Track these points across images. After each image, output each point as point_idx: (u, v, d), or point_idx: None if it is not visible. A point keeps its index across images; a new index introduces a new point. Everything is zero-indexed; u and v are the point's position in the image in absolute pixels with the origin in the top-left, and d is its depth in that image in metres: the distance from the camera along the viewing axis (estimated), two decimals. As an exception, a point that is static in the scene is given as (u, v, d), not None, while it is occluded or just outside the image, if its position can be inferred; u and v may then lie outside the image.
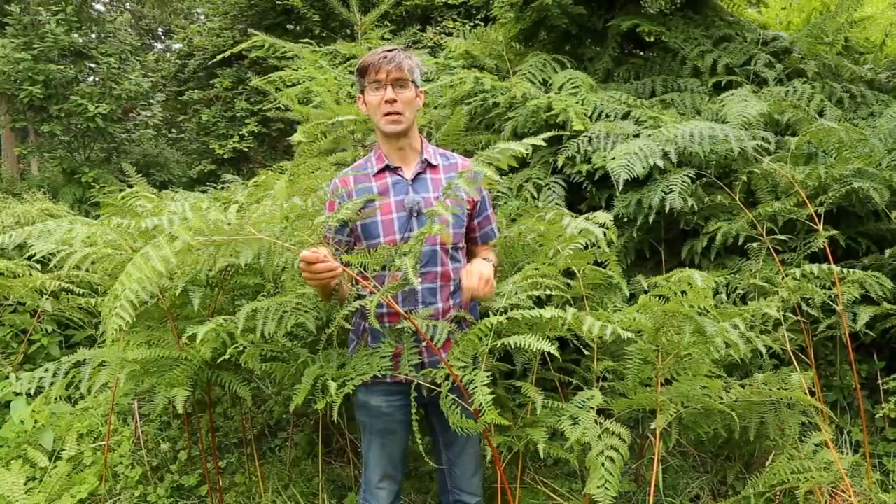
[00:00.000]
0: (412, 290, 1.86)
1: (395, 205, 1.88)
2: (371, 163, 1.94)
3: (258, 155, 11.99)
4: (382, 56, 1.84)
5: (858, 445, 2.81)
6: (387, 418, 1.95)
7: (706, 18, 4.42)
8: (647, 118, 3.44)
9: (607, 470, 1.88)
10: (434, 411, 2.02)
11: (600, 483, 1.87)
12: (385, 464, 2.01)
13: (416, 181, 1.92)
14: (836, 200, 2.89)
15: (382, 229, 1.87)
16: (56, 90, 9.86)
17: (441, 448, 2.10)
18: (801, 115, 3.37)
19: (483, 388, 1.66)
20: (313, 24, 11.06)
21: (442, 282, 1.91)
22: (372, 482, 2.03)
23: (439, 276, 1.90)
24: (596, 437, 1.95)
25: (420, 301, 1.88)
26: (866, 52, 5.11)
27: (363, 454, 2.07)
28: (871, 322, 2.68)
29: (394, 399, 1.94)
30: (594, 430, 1.97)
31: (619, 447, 1.92)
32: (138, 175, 3.05)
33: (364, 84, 1.88)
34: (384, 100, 1.84)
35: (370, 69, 1.84)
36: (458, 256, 1.96)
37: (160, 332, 2.57)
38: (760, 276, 2.77)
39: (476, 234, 2.07)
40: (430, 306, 1.88)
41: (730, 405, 2.14)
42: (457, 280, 1.93)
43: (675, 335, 2.03)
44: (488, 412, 1.64)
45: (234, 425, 3.45)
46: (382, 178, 1.91)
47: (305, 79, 3.69)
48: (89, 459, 3.23)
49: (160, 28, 19.05)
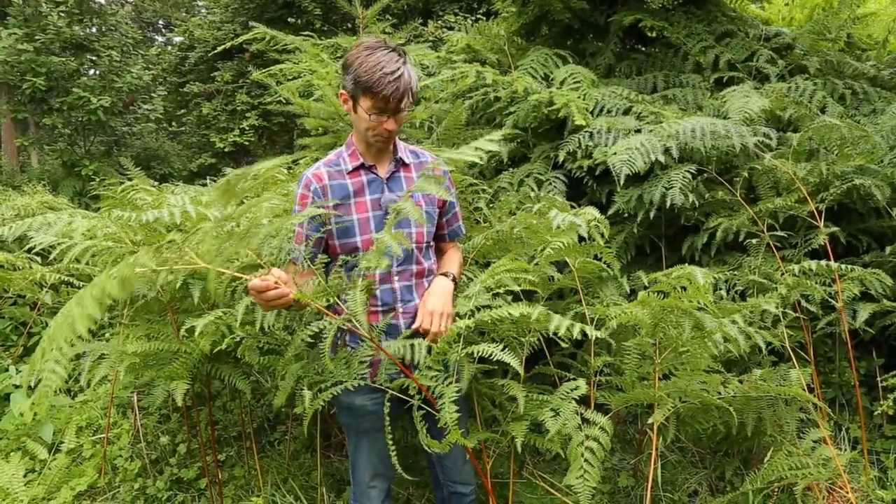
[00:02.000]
0: (390, 289, 1.87)
1: (370, 203, 1.86)
2: (344, 159, 1.89)
3: (258, 149, 11.99)
4: (394, 87, 1.69)
5: (857, 442, 2.81)
6: (373, 416, 1.91)
7: (708, 14, 4.40)
8: (649, 114, 3.43)
9: (587, 461, 1.87)
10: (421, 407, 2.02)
11: (579, 474, 1.86)
12: (375, 462, 1.99)
13: (390, 180, 1.90)
14: (838, 197, 2.88)
15: (359, 228, 1.85)
16: (58, 83, 9.86)
17: None
18: (803, 111, 3.36)
19: (450, 405, 1.61)
20: (314, 17, 11.05)
21: (417, 279, 1.92)
22: (363, 482, 2.01)
23: (415, 275, 1.91)
24: (576, 428, 1.94)
25: (399, 299, 1.88)
26: (869, 49, 5.10)
27: (350, 456, 2.04)
28: (871, 319, 2.68)
29: (377, 396, 1.89)
30: (574, 420, 1.95)
31: (600, 438, 1.91)
32: (137, 168, 3.05)
33: (359, 93, 1.75)
34: (384, 127, 1.77)
35: (376, 96, 1.71)
36: (430, 253, 1.99)
37: (160, 325, 2.57)
38: (760, 273, 2.77)
39: (444, 231, 2.07)
40: (408, 303, 1.89)
41: (728, 401, 2.14)
42: (431, 277, 1.95)
43: (674, 330, 2.03)
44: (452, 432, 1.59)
45: (234, 419, 3.46)
46: (357, 176, 1.87)
47: (306, 72, 3.67)
48: (88, 452, 3.23)
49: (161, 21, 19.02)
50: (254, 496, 2.85)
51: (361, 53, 1.74)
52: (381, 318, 1.86)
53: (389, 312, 1.87)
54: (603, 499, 2.71)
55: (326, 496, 2.83)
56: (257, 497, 2.82)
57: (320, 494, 2.83)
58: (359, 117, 1.80)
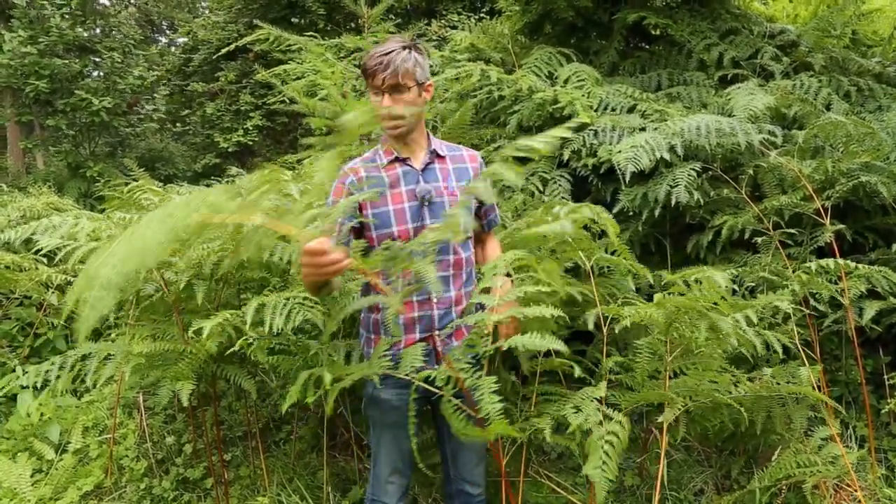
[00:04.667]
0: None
1: (406, 194, 1.88)
2: (379, 155, 1.93)
3: (263, 149, 12.00)
4: (378, 62, 1.77)
5: (863, 440, 2.80)
6: (398, 412, 1.92)
7: (712, 11, 4.39)
8: (653, 112, 3.42)
9: (606, 452, 1.87)
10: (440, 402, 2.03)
11: (598, 464, 1.86)
12: (395, 458, 2.00)
13: (425, 171, 1.92)
14: (843, 195, 2.87)
15: (394, 219, 1.87)
16: (61, 84, 9.87)
17: (444, 438, 2.10)
18: (809, 108, 3.35)
19: (491, 396, 1.61)
20: (318, 17, 11.06)
21: (454, 270, 1.92)
22: (382, 477, 2.02)
23: (452, 265, 1.91)
24: (598, 423, 1.96)
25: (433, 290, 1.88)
26: (874, 46, 5.07)
27: (372, 449, 2.05)
28: (877, 317, 2.66)
29: (404, 392, 1.91)
30: (596, 416, 1.97)
31: (619, 433, 1.93)
32: (142, 169, 3.06)
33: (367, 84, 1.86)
34: (382, 105, 1.83)
35: (367, 73, 1.80)
36: (469, 244, 2.00)
37: (165, 325, 2.58)
38: (770, 270, 2.76)
39: (483, 221, 2.11)
40: (442, 295, 1.89)
41: (739, 399, 2.13)
42: (468, 269, 1.96)
43: (689, 332, 2.02)
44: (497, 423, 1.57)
45: (239, 418, 3.46)
46: (392, 168, 1.90)
47: (311, 72, 3.68)
48: (95, 452, 3.24)
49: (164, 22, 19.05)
50: (259, 496, 2.86)
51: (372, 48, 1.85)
52: (415, 308, 1.87)
53: (425, 303, 1.88)
54: (608, 497, 2.70)
55: (332, 496, 2.83)
56: (263, 497, 2.83)
57: (326, 494, 2.83)
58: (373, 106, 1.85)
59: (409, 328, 1.89)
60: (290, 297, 2.08)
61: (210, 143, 11.98)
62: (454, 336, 1.93)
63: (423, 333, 1.89)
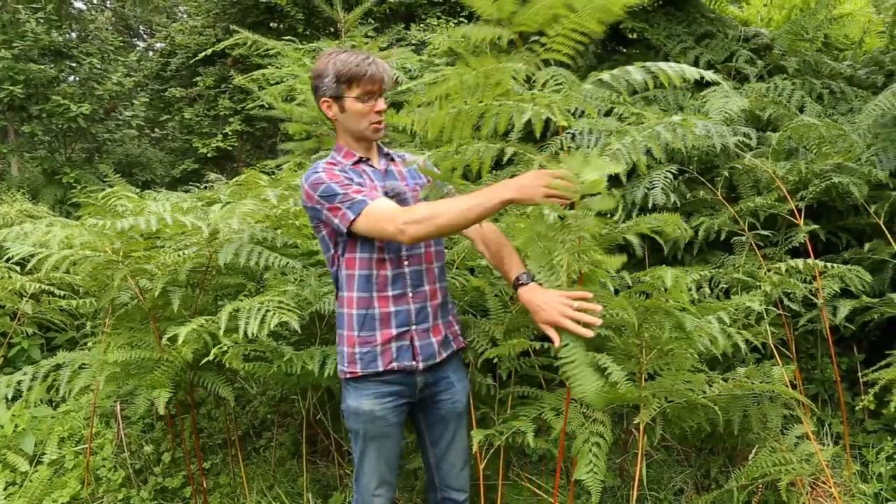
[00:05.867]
0: (400, 274, 1.88)
1: (378, 191, 1.89)
2: (339, 160, 1.93)
3: (242, 154, 11.92)
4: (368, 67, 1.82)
5: (839, 437, 2.84)
6: (380, 422, 1.91)
7: (688, 15, 4.44)
8: (630, 114, 3.45)
9: (594, 454, 1.92)
10: (421, 408, 2.02)
11: (588, 469, 1.91)
12: (382, 469, 1.97)
13: (387, 174, 1.98)
14: (817, 195, 2.91)
15: None
16: (37, 90, 9.73)
17: (427, 445, 2.09)
18: (782, 111, 3.40)
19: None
20: (297, 21, 11.00)
21: (427, 264, 1.93)
22: (368, 489, 1.98)
23: (423, 259, 1.92)
24: (580, 426, 1.98)
25: (409, 284, 1.89)
26: (845, 49, 5.17)
27: (356, 462, 2.01)
28: (851, 315, 2.70)
29: (386, 401, 1.90)
30: (578, 418, 1.99)
31: (603, 433, 1.96)
32: (117, 175, 3.03)
33: (345, 91, 1.84)
34: (376, 110, 1.86)
35: (363, 79, 1.82)
36: (441, 240, 2.02)
37: (141, 333, 2.55)
38: (744, 271, 2.79)
39: None
40: (417, 288, 1.90)
41: (713, 399, 2.15)
42: (440, 263, 1.99)
43: (657, 330, 2.04)
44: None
45: (219, 426, 3.43)
46: (359, 168, 1.92)
47: (289, 76, 3.67)
48: (71, 463, 3.19)
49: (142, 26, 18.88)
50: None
51: (329, 57, 1.85)
52: (391, 303, 1.87)
53: (401, 298, 1.88)
54: (588, 499, 2.71)
55: (313, 502, 2.81)
56: (243, 505, 2.81)
57: (306, 500, 2.81)
58: (350, 112, 1.86)
59: (384, 323, 1.88)
60: (265, 300, 2.07)
61: (189, 148, 11.87)
62: (431, 331, 1.92)
63: (400, 328, 1.88)
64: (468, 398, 2.08)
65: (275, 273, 2.53)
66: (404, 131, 3.42)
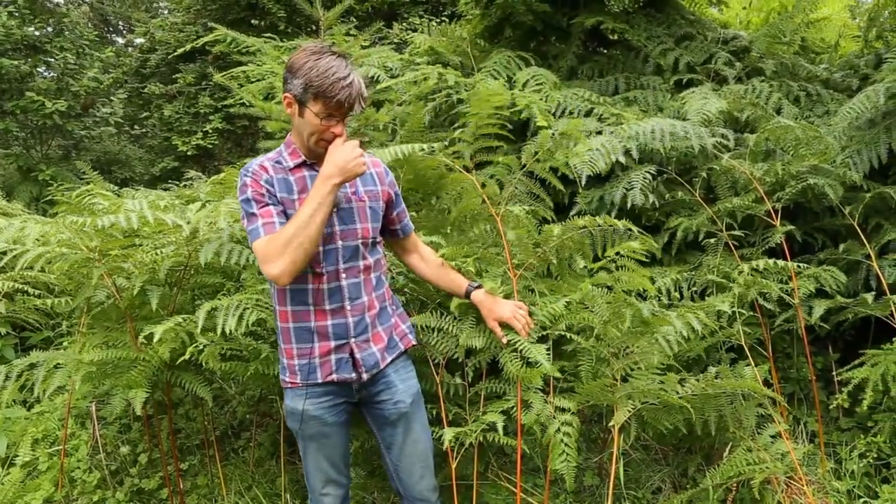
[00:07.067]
0: (338, 287, 1.84)
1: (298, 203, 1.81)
2: (284, 157, 1.86)
3: (223, 152, 11.80)
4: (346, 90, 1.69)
5: (814, 435, 2.88)
6: (315, 422, 1.90)
7: (668, 17, 4.47)
8: (610, 115, 3.47)
9: (566, 444, 2.00)
10: (367, 410, 2.00)
11: (562, 458, 1.99)
12: (325, 468, 1.96)
13: None
14: (793, 196, 2.95)
15: None
16: (10, 85, 9.56)
17: (383, 450, 2.05)
18: (760, 112, 3.44)
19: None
20: (278, 19, 10.92)
21: (365, 275, 1.90)
22: (316, 489, 1.99)
23: (362, 271, 1.89)
24: (550, 417, 2.01)
25: (347, 297, 1.86)
26: (822, 52, 5.24)
27: (302, 461, 2.01)
28: (826, 315, 2.74)
29: (321, 401, 1.89)
30: (546, 409, 2.03)
31: (571, 421, 2.04)
32: (95, 173, 2.98)
33: (309, 100, 1.72)
34: (331, 130, 1.76)
35: (329, 101, 1.70)
36: (378, 249, 1.98)
37: (118, 332, 2.51)
38: (719, 272, 2.82)
39: (396, 226, 2.06)
40: (355, 300, 1.87)
41: (687, 399, 2.17)
42: (378, 273, 1.96)
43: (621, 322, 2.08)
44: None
45: (197, 426, 3.39)
46: (300, 172, 1.85)
47: (269, 74, 3.63)
48: (45, 465, 3.14)
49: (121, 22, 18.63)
50: (217, 505, 2.81)
51: (310, 58, 1.72)
52: (328, 316, 1.84)
53: (338, 312, 1.85)
54: (568, 498, 2.73)
55: (291, 502, 2.80)
56: (221, 506, 2.78)
57: (285, 501, 2.79)
58: (305, 122, 1.76)
59: (322, 336, 1.86)
60: (243, 298, 2.05)
61: (168, 146, 11.72)
62: (372, 341, 1.91)
63: (338, 341, 1.86)
64: (416, 398, 2.02)
65: (253, 273, 2.51)
66: (384, 129, 3.40)
